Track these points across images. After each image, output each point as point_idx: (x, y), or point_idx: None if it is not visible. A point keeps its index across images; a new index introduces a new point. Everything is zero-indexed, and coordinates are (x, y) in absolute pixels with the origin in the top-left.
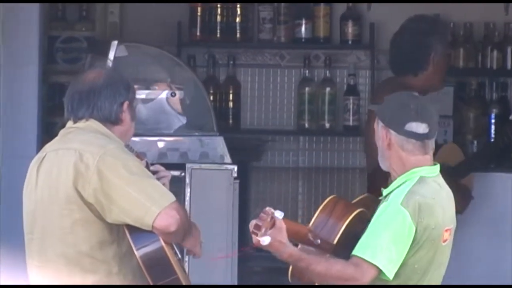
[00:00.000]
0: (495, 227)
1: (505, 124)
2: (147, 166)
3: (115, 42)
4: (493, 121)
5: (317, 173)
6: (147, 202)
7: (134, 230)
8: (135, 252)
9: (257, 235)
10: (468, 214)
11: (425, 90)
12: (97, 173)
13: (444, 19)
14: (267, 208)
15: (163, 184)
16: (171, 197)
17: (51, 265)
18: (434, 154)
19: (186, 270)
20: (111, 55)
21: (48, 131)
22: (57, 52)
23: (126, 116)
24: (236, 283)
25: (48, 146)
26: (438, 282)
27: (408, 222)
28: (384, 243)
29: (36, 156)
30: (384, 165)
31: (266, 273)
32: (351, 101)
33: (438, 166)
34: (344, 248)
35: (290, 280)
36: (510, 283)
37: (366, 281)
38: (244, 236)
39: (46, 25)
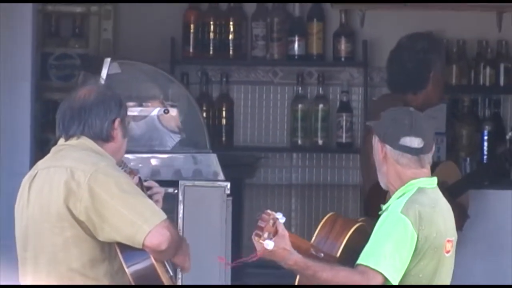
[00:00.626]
0: (492, 244)
1: (501, 146)
2: (140, 182)
3: (108, 59)
4: (486, 138)
5: (310, 190)
6: (138, 220)
7: (125, 248)
8: (126, 269)
9: (260, 237)
10: (464, 232)
11: (423, 107)
12: (88, 191)
13: (438, 36)
14: (268, 210)
15: (156, 201)
16: (162, 215)
17: (42, 282)
18: (432, 172)
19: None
20: (104, 72)
21: (41, 148)
22: (51, 69)
23: (117, 133)
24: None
25: (40, 164)
26: None
27: (409, 229)
28: (387, 251)
29: (28, 173)
30: (382, 181)
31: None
32: (344, 118)
33: (435, 179)
34: (347, 261)
35: None
36: None
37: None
38: (237, 253)
39: (39, 42)
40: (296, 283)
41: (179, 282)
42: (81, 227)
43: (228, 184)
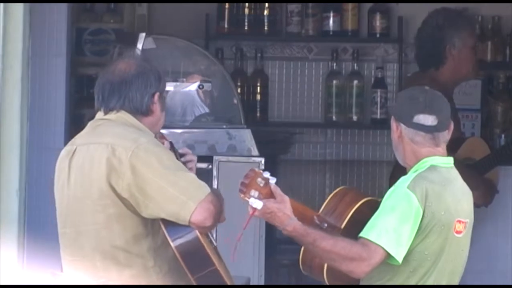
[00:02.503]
0: None
1: None
2: (172, 148)
3: (143, 34)
4: None
5: (345, 166)
6: (182, 196)
7: (169, 221)
8: (171, 243)
9: (244, 194)
10: (493, 208)
11: (455, 83)
12: (130, 168)
13: (470, 13)
14: (255, 169)
15: (190, 168)
16: (206, 189)
17: (86, 259)
18: (459, 148)
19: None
20: (139, 47)
21: (76, 123)
22: (85, 44)
23: (156, 107)
24: (263, 276)
25: (78, 139)
26: (452, 276)
27: (415, 205)
28: (390, 226)
29: (65, 148)
30: (399, 159)
31: (294, 266)
32: (378, 94)
33: (451, 159)
34: (352, 233)
35: (301, 268)
36: None
37: (373, 262)
38: (271, 229)
39: (74, 17)
40: (300, 260)
41: None
42: (124, 204)
43: (263, 160)
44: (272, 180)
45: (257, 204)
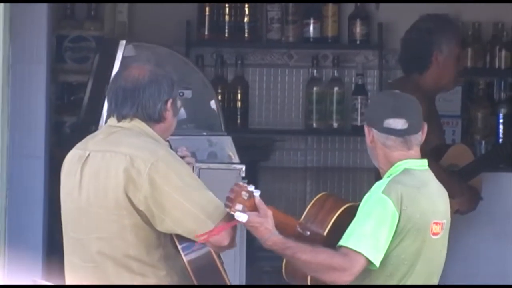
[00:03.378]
0: (504, 227)
1: None
2: (170, 147)
3: (123, 42)
4: (501, 121)
5: (325, 173)
6: (201, 215)
7: (182, 236)
8: (183, 257)
9: (230, 208)
10: (477, 214)
11: (436, 90)
12: (148, 181)
13: (452, 19)
14: (240, 183)
15: None
16: (224, 210)
17: (98, 265)
18: (443, 155)
19: None
20: (119, 55)
21: (56, 130)
22: (66, 51)
23: (169, 114)
24: (244, 283)
25: (92, 145)
26: (429, 277)
27: (390, 209)
28: (367, 231)
29: (75, 152)
30: (375, 164)
31: (276, 272)
32: (359, 100)
33: (425, 161)
34: (335, 240)
35: (284, 277)
36: None
37: (355, 271)
38: (252, 235)
39: (54, 24)
40: (283, 269)
41: None
42: (140, 215)
43: (243, 167)
44: (257, 193)
45: (242, 217)
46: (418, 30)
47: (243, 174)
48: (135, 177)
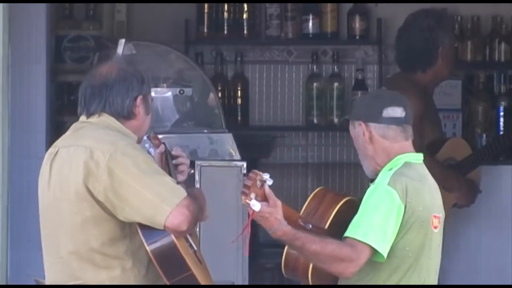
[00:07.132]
0: (503, 220)
1: None
2: (166, 151)
3: (122, 40)
4: (501, 114)
5: (326, 169)
6: (157, 200)
7: (146, 225)
8: (146, 247)
9: (246, 196)
10: (476, 207)
11: (436, 83)
12: (107, 172)
13: (450, 13)
14: (256, 170)
15: (182, 171)
16: (182, 193)
17: (65, 261)
18: (439, 149)
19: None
20: (119, 53)
21: (57, 130)
22: (65, 51)
23: (139, 110)
24: (247, 280)
25: (60, 141)
26: (431, 271)
27: (397, 201)
28: (375, 223)
29: (49, 151)
30: (368, 167)
31: (278, 269)
32: (359, 96)
33: (421, 155)
34: (335, 233)
35: (284, 272)
36: None
37: (361, 262)
38: (254, 232)
39: (53, 24)
40: (283, 263)
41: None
42: (101, 207)
43: (244, 164)
44: (269, 182)
45: (256, 206)
46: (417, 28)
47: (244, 171)
48: (94, 169)
